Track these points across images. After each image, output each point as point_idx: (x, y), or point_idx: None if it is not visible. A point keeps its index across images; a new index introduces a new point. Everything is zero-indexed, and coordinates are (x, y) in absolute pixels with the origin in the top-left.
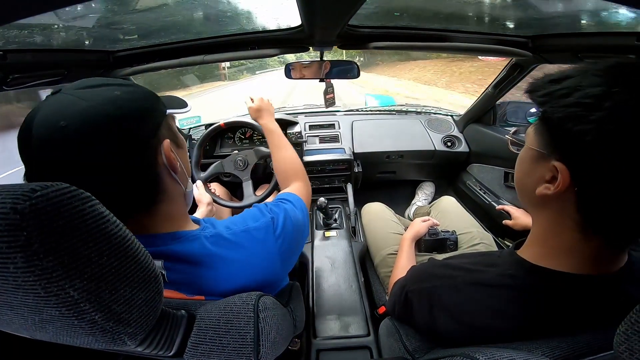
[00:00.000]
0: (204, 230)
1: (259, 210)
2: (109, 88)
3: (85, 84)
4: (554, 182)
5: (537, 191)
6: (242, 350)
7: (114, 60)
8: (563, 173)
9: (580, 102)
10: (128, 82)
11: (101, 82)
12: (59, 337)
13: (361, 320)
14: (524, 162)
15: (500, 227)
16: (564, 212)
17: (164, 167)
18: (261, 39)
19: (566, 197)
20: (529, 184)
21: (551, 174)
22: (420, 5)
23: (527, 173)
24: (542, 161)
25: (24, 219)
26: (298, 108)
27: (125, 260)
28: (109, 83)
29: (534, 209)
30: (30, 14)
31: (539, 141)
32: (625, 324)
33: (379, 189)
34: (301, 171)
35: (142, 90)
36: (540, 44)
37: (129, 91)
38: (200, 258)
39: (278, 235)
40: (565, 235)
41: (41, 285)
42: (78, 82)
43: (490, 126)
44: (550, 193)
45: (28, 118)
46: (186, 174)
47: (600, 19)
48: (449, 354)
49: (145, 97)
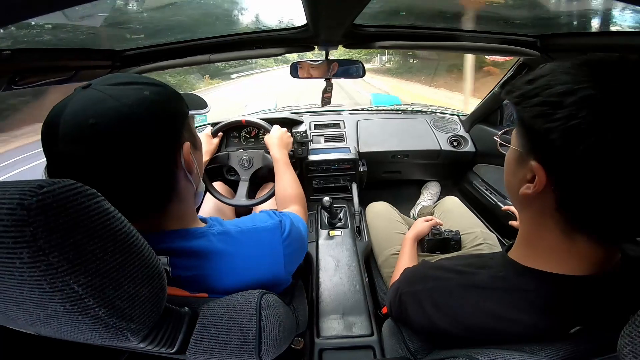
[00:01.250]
0: (212, 227)
1: (267, 214)
2: (139, 87)
3: (114, 80)
4: (534, 181)
5: (520, 191)
6: (244, 348)
7: (121, 59)
8: (539, 172)
9: (546, 100)
10: (155, 81)
11: (131, 80)
12: (63, 332)
13: (365, 320)
14: (509, 163)
15: (506, 227)
16: (544, 212)
17: (181, 169)
18: (266, 38)
19: (545, 197)
20: (514, 185)
21: (531, 174)
22: (427, 4)
23: (512, 174)
24: (523, 162)
25: (30, 215)
26: (303, 107)
27: (130, 257)
28: (139, 81)
29: (520, 210)
30: (39, 14)
31: (519, 142)
32: (630, 326)
33: (384, 188)
34: (300, 196)
35: (169, 91)
36: (549, 44)
37: (157, 92)
38: (206, 253)
39: (285, 237)
40: (547, 235)
41: (46, 281)
42: (107, 77)
43: (497, 126)
44: (530, 192)
45: (55, 111)
46: (199, 175)
47: (609, 18)
48: (451, 355)
49: (172, 99)
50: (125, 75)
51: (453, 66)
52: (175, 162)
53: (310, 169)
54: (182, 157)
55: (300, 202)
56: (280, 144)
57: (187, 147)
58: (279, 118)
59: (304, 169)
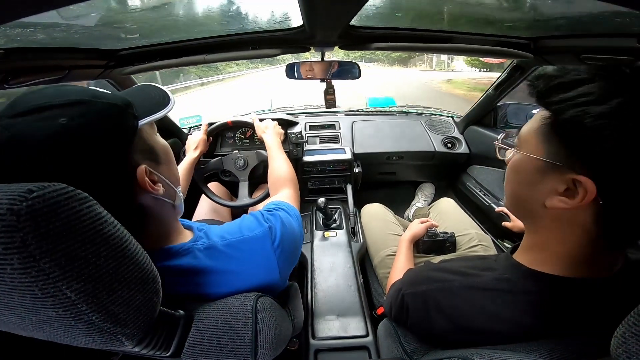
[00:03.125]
0: (197, 241)
1: (256, 219)
2: (51, 114)
3: (24, 105)
4: (569, 194)
5: (549, 204)
6: (239, 351)
7: (116, 59)
8: (589, 187)
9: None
10: (80, 95)
11: (41, 103)
12: (56, 337)
13: (360, 321)
14: (522, 172)
15: (499, 228)
16: (576, 224)
17: (144, 194)
18: (262, 38)
19: (583, 210)
20: (532, 196)
21: (565, 186)
22: (422, 6)
23: (529, 184)
24: (553, 173)
25: (20, 220)
26: (299, 108)
27: (123, 261)
28: (52, 104)
29: (533, 219)
30: (32, 13)
31: (548, 150)
32: (623, 326)
33: (379, 189)
34: (292, 179)
35: (99, 107)
36: (542, 46)
37: (80, 114)
38: (194, 271)
39: (277, 245)
40: (569, 243)
41: (38, 287)
42: (11, 105)
43: (491, 128)
44: (568, 207)
45: None
46: (173, 187)
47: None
48: (446, 356)
49: (103, 119)
50: (39, 94)
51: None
52: (132, 191)
53: (305, 170)
54: (138, 185)
55: (292, 184)
56: (271, 131)
57: (142, 171)
58: (275, 119)
59: (299, 170)
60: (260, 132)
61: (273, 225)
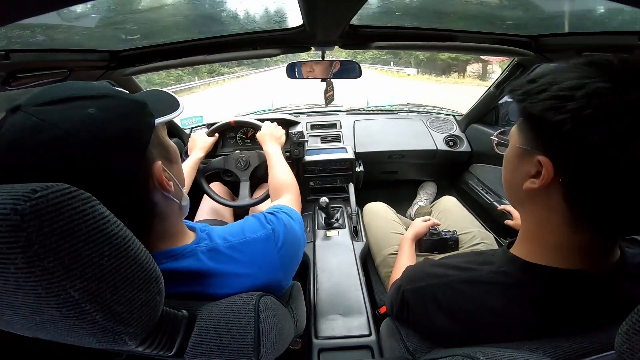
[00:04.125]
0: (200, 243)
1: (258, 220)
2: (81, 104)
3: (50, 96)
4: (539, 176)
5: (524, 186)
6: (242, 350)
7: (117, 60)
8: (547, 166)
9: (556, 94)
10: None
11: (70, 94)
12: (60, 337)
13: (363, 320)
14: (509, 161)
15: (502, 227)
16: (551, 206)
17: (156, 190)
18: (262, 38)
19: (552, 190)
20: (516, 181)
21: (536, 168)
22: (422, 4)
23: (513, 170)
24: (527, 157)
25: (24, 220)
26: (300, 108)
27: (126, 261)
28: (81, 95)
29: (522, 206)
30: (34, 14)
31: (522, 138)
32: (627, 324)
33: (381, 188)
34: (293, 185)
35: (123, 102)
36: (543, 44)
37: (106, 106)
38: (197, 273)
39: (280, 247)
40: (554, 230)
41: (42, 286)
42: (39, 94)
43: (493, 126)
44: (536, 187)
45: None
46: (181, 188)
47: (603, 18)
48: (449, 354)
49: (128, 113)
50: (65, 86)
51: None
52: (145, 187)
53: (307, 169)
54: (154, 178)
55: (292, 190)
56: (271, 139)
57: (159, 167)
58: (276, 119)
59: (300, 170)
60: (260, 139)
61: (276, 227)
